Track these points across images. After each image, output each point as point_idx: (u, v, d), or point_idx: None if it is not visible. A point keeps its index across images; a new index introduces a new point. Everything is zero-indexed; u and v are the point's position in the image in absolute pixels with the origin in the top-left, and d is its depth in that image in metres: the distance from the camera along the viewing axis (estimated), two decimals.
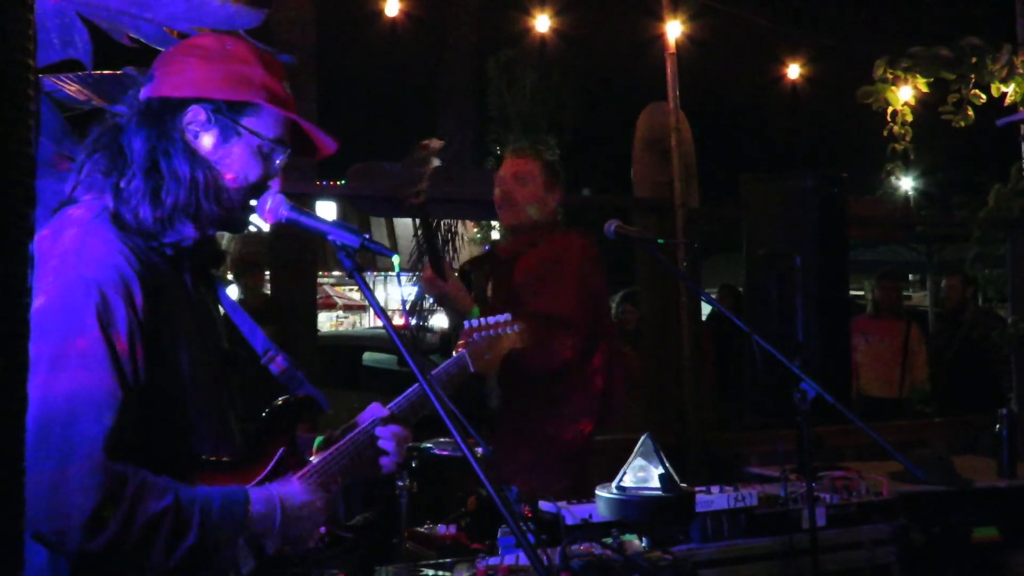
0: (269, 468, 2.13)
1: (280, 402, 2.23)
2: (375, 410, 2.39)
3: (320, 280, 24.25)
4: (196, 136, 2.09)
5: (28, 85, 0.93)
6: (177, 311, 2.07)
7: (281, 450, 2.16)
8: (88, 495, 1.81)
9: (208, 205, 2.10)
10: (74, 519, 1.79)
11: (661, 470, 2.83)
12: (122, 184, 2.05)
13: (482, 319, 2.80)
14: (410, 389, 2.48)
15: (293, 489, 2.10)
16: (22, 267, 0.95)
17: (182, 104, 2.08)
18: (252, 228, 3.65)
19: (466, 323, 2.79)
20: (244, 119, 2.11)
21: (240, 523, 1.98)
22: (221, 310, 2.33)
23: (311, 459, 2.23)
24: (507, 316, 2.79)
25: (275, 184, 2.20)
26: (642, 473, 2.86)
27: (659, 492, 2.83)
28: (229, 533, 1.96)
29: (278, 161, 2.18)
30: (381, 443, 2.31)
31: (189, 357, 2.07)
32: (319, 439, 2.32)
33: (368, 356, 11.64)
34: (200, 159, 2.09)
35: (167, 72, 2.11)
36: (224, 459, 2.09)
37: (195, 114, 2.08)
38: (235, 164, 2.12)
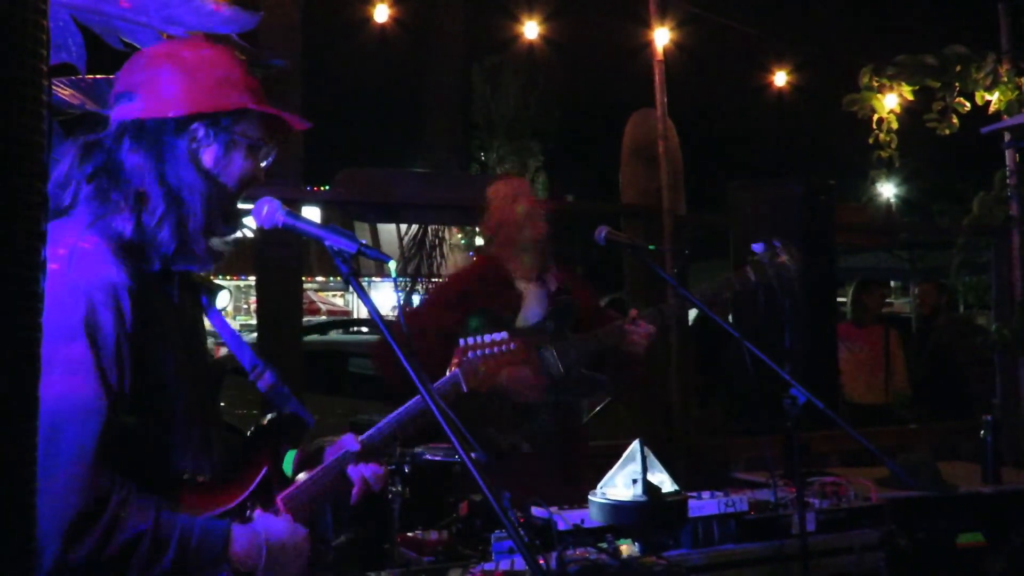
0: (251, 488, 2.11)
1: (265, 421, 2.21)
2: (348, 442, 2.35)
3: (304, 286, 24.14)
4: (200, 153, 2.08)
5: (41, 92, 0.94)
6: (164, 323, 2.06)
7: (264, 469, 2.14)
8: (70, 504, 1.78)
9: (219, 221, 2.10)
10: (54, 528, 1.76)
11: (654, 475, 2.84)
12: (144, 217, 2.02)
13: (479, 337, 2.80)
14: (387, 418, 2.45)
15: (279, 527, 2.08)
16: (35, 272, 0.95)
17: (180, 123, 2.06)
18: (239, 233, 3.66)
19: (461, 340, 2.79)
20: (238, 126, 2.11)
21: (218, 556, 1.96)
22: (207, 323, 2.31)
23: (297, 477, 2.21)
24: (504, 335, 2.77)
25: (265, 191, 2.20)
26: (634, 478, 2.86)
27: (651, 497, 2.83)
28: (206, 564, 1.94)
29: (268, 157, 2.19)
30: (352, 480, 2.29)
31: (175, 370, 2.05)
32: (290, 454, 2.30)
33: (353, 362, 11.60)
34: (208, 176, 2.08)
35: (152, 90, 2.06)
36: (206, 478, 2.07)
37: (195, 131, 2.07)
38: (235, 172, 2.13)
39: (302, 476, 2.23)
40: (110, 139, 2.07)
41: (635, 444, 2.86)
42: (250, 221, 2.22)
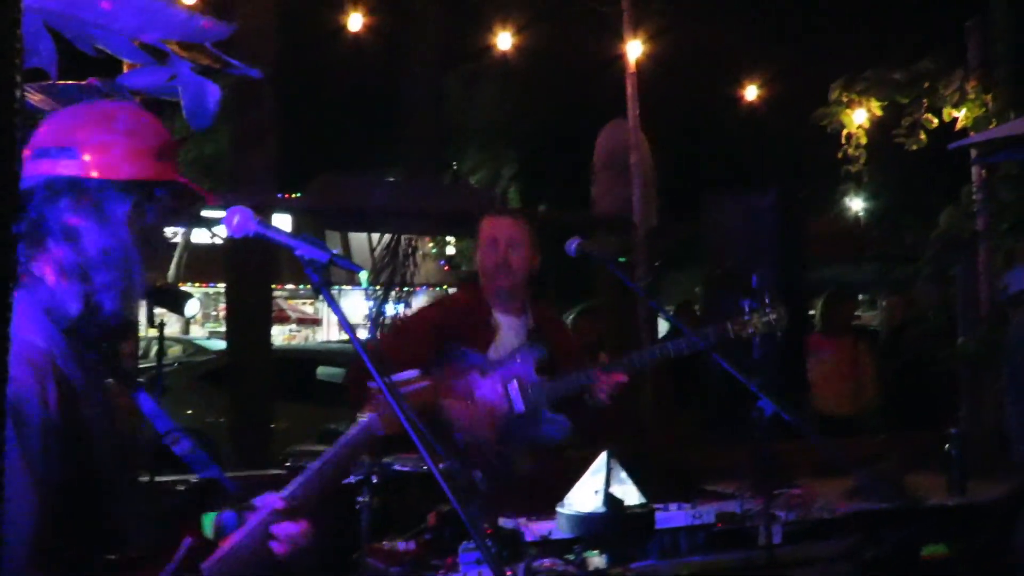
0: (176, 562, 2.03)
1: (183, 488, 2.15)
2: (270, 500, 2.26)
3: (274, 294, 24.04)
4: (140, 221, 2.03)
5: (15, 101, 0.94)
6: (89, 399, 1.98)
7: (187, 541, 2.06)
8: None
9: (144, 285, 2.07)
10: None
11: (620, 487, 2.85)
12: (86, 285, 1.97)
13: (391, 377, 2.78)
14: (307, 471, 2.39)
15: None
16: (6, 282, 0.95)
17: (122, 187, 2.01)
18: (210, 239, 3.65)
19: (371, 383, 2.75)
20: (164, 193, 2.07)
21: None
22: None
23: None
24: (416, 372, 2.74)
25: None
26: (602, 489, 2.87)
27: (612, 509, 2.84)
28: None
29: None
30: (276, 540, 2.20)
31: (98, 446, 1.98)
32: (208, 516, 2.21)
33: (321, 370, 11.58)
34: (141, 242, 2.04)
35: (94, 149, 2.00)
36: (130, 556, 1.99)
37: (135, 197, 2.02)
38: (158, 237, 2.11)
39: (222, 548, 2.12)
40: (40, 193, 1.97)
41: (604, 455, 2.87)
42: (221, 230, 2.20)
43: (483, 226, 4.11)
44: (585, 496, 2.95)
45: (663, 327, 7.51)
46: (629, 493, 2.84)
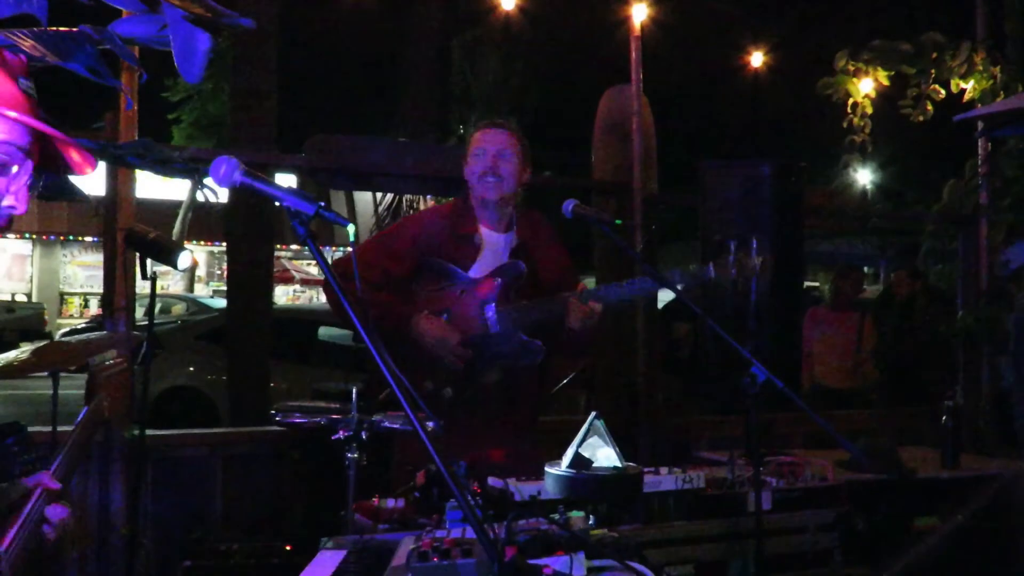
0: None
1: None
2: (43, 479, 2.22)
3: (277, 254, 24.12)
4: None
5: None
6: None
7: None
8: None
9: None
10: None
11: (609, 449, 2.85)
12: None
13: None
14: (67, 445, 2.36)
15: None
16: None
17: None
18: (210, 195, 3.61)
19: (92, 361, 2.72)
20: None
21: None
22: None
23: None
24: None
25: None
26: (590, 452, 2.87)
27: (606, 471, 2.84)
28: None
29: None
30: (48, 524, 2.16)
31: None
32: None
33: (323, 331, 11.60)
34: None
35: None
36: None
37: None
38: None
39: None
40: None
41: (591, 418, 2.87)
42: (219, 191, 2.17)
43: (473, 138, 4.07)
44: (574, 457, 2.94)
45: (664, 296, 7.49)
46: (609, 456, 2.83)
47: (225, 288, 9.98)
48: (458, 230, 3.99)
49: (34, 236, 27.29)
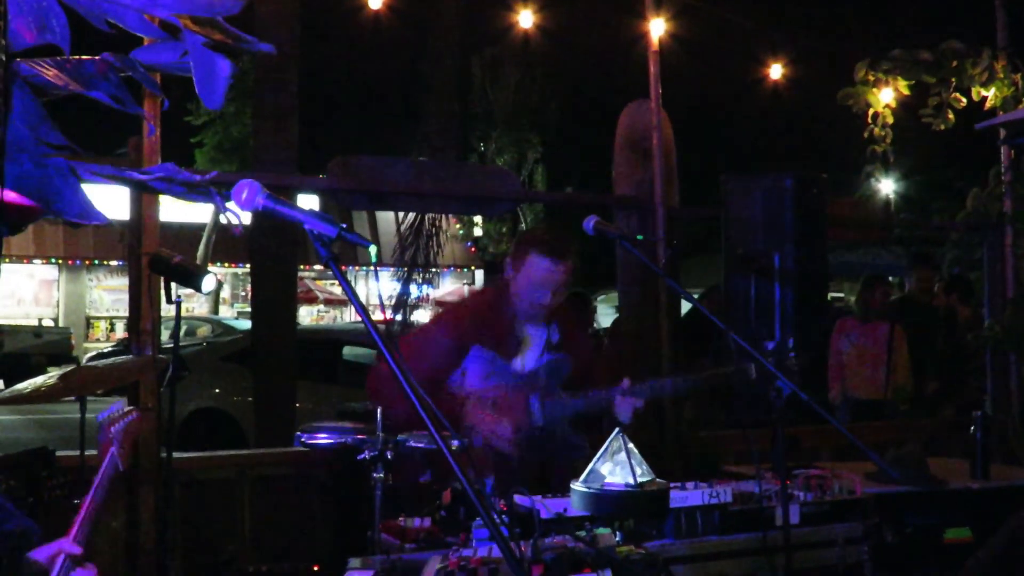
0: None
1: None
2: (64, 546, 2.31)
3: (302, 274, 24.26)
4: None
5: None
6: None
7: None
8: None
9: None
10: None
11: (634, 465, 2.84)
12: None
13: (113, 410, 2.83)
14: (86, 508, 2.43)
15: None
16: None
17: None
18: (233, 219, 3.63)
19: (101, 416, 2.79)
20: None
21: None
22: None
23: None
24: (120, 404, 2.76)
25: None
26: (616, 468, 2.86)
27: (633, 487, 2.84)
28: None
29: None
30: None
31: None
32: None
33: (348, 351, 11.64)
34: None
35: None
36: None
37: None
38: None
39: None
40: None
41: (615, 434, 2.87)
42: (240, 215, 2.19)
43: (535, 262, 3.95)
44: (602, 474, 2.94)
45: (685, 307, 7.47)
46: (641, 472, 2.83)
47: (250, 309, 10.02)
48: (500, 323, 4.00)
49: (60, 261, 27.50)
